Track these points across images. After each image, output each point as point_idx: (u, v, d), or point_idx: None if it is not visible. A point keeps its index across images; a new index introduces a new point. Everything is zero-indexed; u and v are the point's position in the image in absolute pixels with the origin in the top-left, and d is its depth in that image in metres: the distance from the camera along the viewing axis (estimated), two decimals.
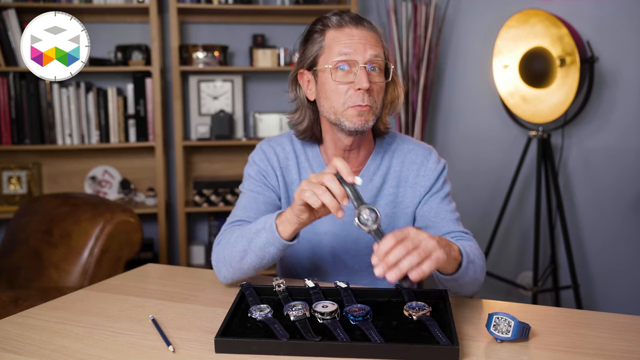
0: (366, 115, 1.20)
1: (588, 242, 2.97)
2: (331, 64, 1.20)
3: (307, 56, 1.25)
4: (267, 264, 1.17)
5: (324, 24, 1.24)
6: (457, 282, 1.13)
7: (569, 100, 2.55)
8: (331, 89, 1.21)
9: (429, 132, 3.10)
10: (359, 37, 1.20)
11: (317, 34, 1.24)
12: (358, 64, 1.18)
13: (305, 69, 1.27)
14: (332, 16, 1.24)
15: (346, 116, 1.20)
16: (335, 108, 1.21)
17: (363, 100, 1.18)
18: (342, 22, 1.22)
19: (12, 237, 2.26)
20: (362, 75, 1.17)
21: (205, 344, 0.96)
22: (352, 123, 1.20)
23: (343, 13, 1.24)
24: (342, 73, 1.20)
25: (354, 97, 1.19)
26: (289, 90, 1.33)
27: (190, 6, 2.80)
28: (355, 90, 1.18)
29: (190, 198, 3.02)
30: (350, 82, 1.19)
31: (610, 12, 2.78)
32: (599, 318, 1.08)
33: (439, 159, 1.35)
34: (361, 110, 1.19)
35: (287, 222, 1.10)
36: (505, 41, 2.71)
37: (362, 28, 1.21)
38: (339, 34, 1.21)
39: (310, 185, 1.02)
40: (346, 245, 1.34)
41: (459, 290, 1.17)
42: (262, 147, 1.38)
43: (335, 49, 1.20)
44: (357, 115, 1.20)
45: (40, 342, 0.98)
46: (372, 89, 1.20)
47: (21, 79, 2.73)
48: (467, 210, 3.09)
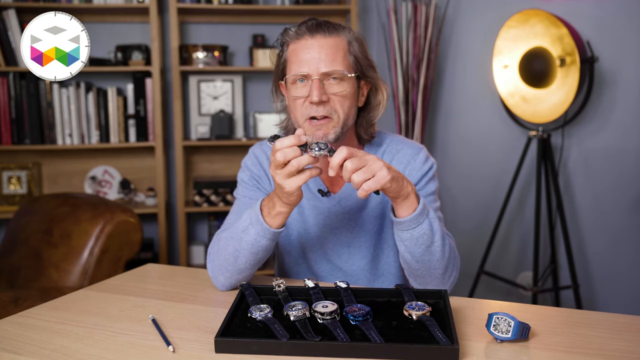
0: (325, 128, 1.20)
1: (588, 242, 2.97)
2: (288, 79, 1.22)
3: (278, 68, 1.27)
4: (262, 259, 1.18)
5: (285, 38, 1.24)
6: (417, 242, 1.12)
7: (569, 100, 2.55)
8: (292, 102, 1.23)
9: (429, 132, 3.10)
10: (313, 49, 1.19)
11: (283, 46, 1.26)
12: (311, 76, 1.18)
13: (280, 80, 1.28)
14: (292, 28, 1.24)
15: (306, 129, 1.21)
16: (298, 121, 1.23)
17: (317, 111, 1.19)
18: (298, 33, 1.21)
19: (12, 237, 2.26)
20: (314, 88, 1.17)
21: (205, 344, 0.96)
22: (312, 136, 1.20)
23: (303, 23, 1.23)
24: (300, 86, 1.21)
25: (309, 109, 1.20)
26: (273, 100, 1.34)
27: (190, 6, 2.80)
28: (310, 103, 1.19)
29: (190, 198, 3.02)
30: (306, 96, 1.19)
31: (610, 12, 2.78)
32: (599, 318, 1.08)
33: (427, 158, 1.34)
34: (318, 124, 1.20)
35: (280, 214, 1.13)
36: (505, 41, 2.71)
37: (319, 36, 1.20)
38: (296, 47, 1.21)
39: (282, 173, 1.04)
40: (339, 249, 1.34)
41: (423, 261, 1.15)
42: (254, 152, 1.39)
43: (293, 63, 1.21)
44: (314, 129, 1.20)
45: (40, 342, 0.98)
46: (328, 99, 1.19)
47: (21, 79, 2.73)
48: (467, 210, 3.09)
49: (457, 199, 3.08)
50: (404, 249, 1.15)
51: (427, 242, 1.13)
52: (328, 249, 1.35)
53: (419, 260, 1.15)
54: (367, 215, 1.33)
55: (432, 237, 1.13)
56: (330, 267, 1.36)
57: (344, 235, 1.34)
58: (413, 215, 1.10)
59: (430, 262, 1.15)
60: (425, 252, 1.14)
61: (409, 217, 1.11)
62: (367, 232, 1.34)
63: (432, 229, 1.13)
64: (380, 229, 1.34)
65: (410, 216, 1.11)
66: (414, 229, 1.12)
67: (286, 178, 1.04)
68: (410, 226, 1.12)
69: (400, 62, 2.88)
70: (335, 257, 1.35)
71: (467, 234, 3.02)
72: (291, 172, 1.03)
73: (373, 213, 1.33)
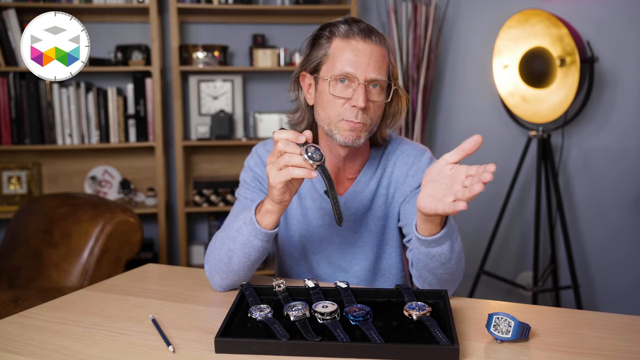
0: (358, 132, 1.20)
1: (588, 242, 2.97)
2: (331, 76, 1.19)
3: (311, 60, 1.24)
4: (256, 260, 1.17)
5: (331, 31, 1.21)
6: (432, 259, 1.10)
7: (569, 100, 2.55)
8: (328, 99, 1.20)
9: (429, 132, 3.10)
10: (364, 53, 1.18)
11: (323, 39, 1.22)
12: (359, 80, 1.17)
13: (307, 72, 1.26)
14: (342, 25, 1.20)
15: (338, 128, 1.20)
16: (330, 118, 1.21)
17: (357, 117, 1.18)
18: (350, 33, 1.19)
19: (12, 237, 2.26)
20: (360, 93, 1.16)
21: (205, 344, 0.96)
22: (343, 137, 1.20)
23: (354, 23, 1.20)
24: (341, 86, 1.19)
25: (349, 112, 1.18)
26: (290, 89, 1.32)
27: (190, 6, 2.80)
28: (351, 106, 1.18)
29: (190, 198, 3.02)
30: (348, 98, 1.18)
31: (610, 12, 2.78)
32: (599, 318, 1.08)
33: (431, 159, 1.33)
34: (354, 127, 1.19)
35: (269, 213, 1.11)
36: (505, 41, 2.71)
37: (370, 42, 1.19)
38: (344, 46, 1.19)
39: (274, 164, 1.03)
40: (342, 250, 1.34)
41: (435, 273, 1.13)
42: (257, 151, 1.38)
43: (339, 61, 1.18)
44: (349, 130, 1.19)
45: (40, 342, 0.98)
46: (368, 107, 1.19)
47: (21, 79, 2.73)
48: (467, 210, 3.09)
49: None
50: (418, 260, 1.14)
51: (443, 260, 1.11)
52: (331, 249, 1.35)
53: (430, 270, 1.14)
54: (371, 216, 1.33)
55: (451, 257, 1.11)
56: (332, 268, 1.36)
57: (349, 236, 1.34)
58: (435, 237, 1.07)
59: (442, 274, 1.14)
60: (440, 267, 1.13)
61: (430, 238, 1.08)
62: (371, 233, 1.34)
63: (452, 249, 1.10)
64: (383, 229, 1.34)
65: (433, 237, 1.07)
66: (434, 248, 1.09)
67: (275, 169, 1.03)
68: (430, 245, 1.09)
69: (400, 62, 2.88)
70: (338, 257, 1.35)
71: (467, 234, 3.01)
72: (280, 165, 1.02)
73: (377, 213, 1.33)
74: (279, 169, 1.02)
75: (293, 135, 1.02)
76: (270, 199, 1.09)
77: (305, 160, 1.00)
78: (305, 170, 1.01)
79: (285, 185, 1.05)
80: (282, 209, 1.11)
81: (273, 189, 1.05)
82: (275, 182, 1.04)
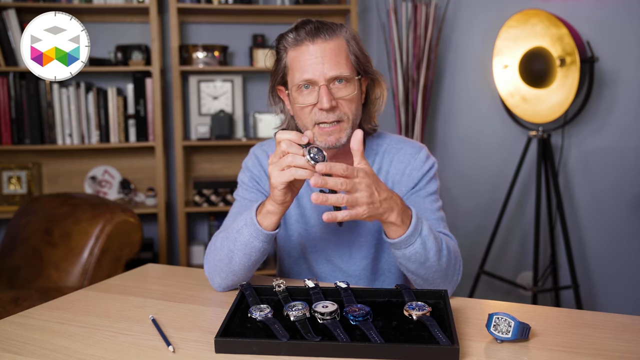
0: (337, 133, 1.20)
1: (588, 242, 2.96)
2: (293, 87, 1.20)
3: (277, 73, 1.25)
4: (256, 260, 1.17)
5: (283, 44, 1.22)
6: (409, 260, 1.10)
7: (569, 100, 2.55)
8: (298, 109, 1.22)
9: (429, 132, 3.10)
10: (316, 54, 1.17)
11: (281, 51, 1.23)
12: (318, 83, 1.17)
13: (279, 85, 1.27)
14: (290, 33, 1.21)
15: (316, 134, 1.21)
16: (306, 126, 1.22)
17: (327, 117, 1.18)
18: (297, 39, 1.19)
19: (12, 237, 2.26)
20: (323, 94, 1.16)
21: (205, 344, 0.96)
22: (323, 142, 1.21)
23: (301, 27, 1.20)
24: (306, 92, 1.19)
25: (319, 115, 1.19)
26: (270, 104, 1.33)
27: (190, 6, 2.80)
28: (320, 110, 1.18)
29: (190, 198, 3.02)
30: (314, 103, 1.18)
31: (610, 12, 2.78)
32: (599, 318, 1.08)
33: (427, 157, 1.33)
34: (329, 130, 1.19)
35: (270, 214, 1.11)
36: (505, 41, 2.71)
37: (320, 41, 1.18)
38: (297, 54, 1.19)
39: (276, 165, 1.03)
40: (340, 249, 1.34)
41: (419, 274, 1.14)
42: (254, 152, 1.38)
43: (296, 70, 1.19)
44: (326, 135, 1.20)
45: (40, 342, 0.98)
46: (337, 104, 1.19)
47: (21, 79, 2.73)
48: (467, 210, 3.09)
49: (457, 199, 3.08)
50: (399, 263, 1.15)
51: (420, 259, 1.11)
52: (330, 249, 1.35)
53: (415, 272, 1.15)
54: None
55: (426, 254, 1.11)
56: (331, 268, 1.36)
57: (346, 235, 1.34)
58: (401, 239, 1.08)
59: (426, 274, 1.15)
60: (420, 267, 1.13)
61: (397, 240, 1.09)
62: (369, 232, 1.34)
63: (425, 247, 1.10)
64: (381, 228, 1.34)
65: (399, 239, 1.08)
66: (405, 249, 1.10)
67: (277, 170, 1.03)
68: (400, 247, 1.10)
69: (400, 62, 2.88)
70: (336, 257, 1.35)
71: (467, 234, 3.02)
72: (282, 165, 1.02)
73: None
74: (282, 170, 1.02)
75: (296, 135, 1.02)
76: (271, 200, 1.09)
77: (308, 161, 1.00)
78: (307, 171, 1.01)
79: (287, 186, 1.05)
80: (284, 210, 1.11)
81: (275, 190, 1.05)
82: (277, 183, 1.04)
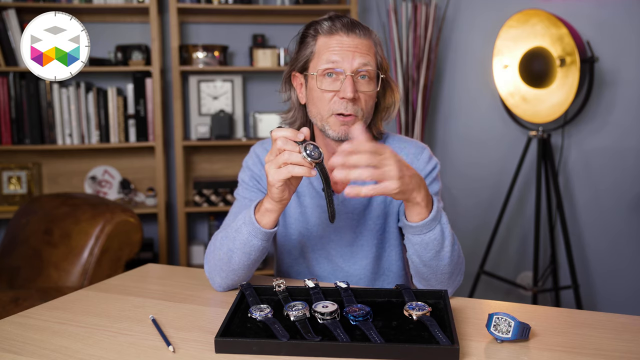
0: (350, 125, 1.20)
1: (588, 242, 2.97)
2: (318, 71, 1.20)
3: (299, 59, 1.26)
4: (256, 259, 1.17)
5: (315, 30, 1.23)
6: (426, 247, 1.10)
7: (569, 100, 2.55)
8: (317, 95, 1.22)
9: (429, 132, 3.10)
10: (349, 45, 1.19)
11: (309, 37, 1.24)
12: (345, 72, 1.18)
13: (297, 71, 1.27)
14: (325, 21, 1.23)
15: (330, 124, 1.21)
16: (321, 114, 1.22)
17: (347, 109, 1.19)
18: (333, 28, 1.21)
19: (12, 237, 2.26)
20: (348, 84, 1.17)
21: (205, 344, 0.96)
22: (335, 132, 1.21)
23: (336, 18, 1.22)
24: (329, 80, 1.20)
25: (338, 104, 1.19)
26: (281, 90, 1.34)
27: (190, 6, 2.80)
28: (340, 99, 1.19)
29: (190, 198, 3.02)
30: (336, 91, 1.19)
31: (610, 12, 2.78)
32: (599, 318, 1.08)
33: (430, 157, 1.33)
34: (345, 120, 1.20)
35: (268, 212, 1.11)
36: (505, 41, 2.71)
37: (354, 36, 1.20)
38: (329, 41, 1.21)
39: (273, 162, 1.03)
40: (341, 249, 1.34)
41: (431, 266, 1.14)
42: (255, 151, 1.39)
43: (324, 56, 1.20)
44: (340, 125, 1.20)
45: (40, 342, 0.98)
46: (358, 97, 1.20)
47: (21, 79, 2.73)
48: (467, 210, 3.09)
49: (457, 199, 3.08)
50: (413, 252, 1.14)
51: (437, 248, 1.11)
52: (330, 248, 1.35)
53: (427, 264, 1.14)
54: (370, 214, 1.33)
55: (443, 242, 1.11)
56: (332, 267, 1.35)
57: (347, 234, 1.34)
58: (425, 222, 1.09)
59: (437, 267, 1.14)
60: (434, 257, 1.13)
61: (420, 223, 1.09)
62: (370, 231, 1.33)
63: (443, 234, 1.11)
64: (382, 227, 1.34)
65: (422, 222, 1.09)
66: (425, 234, 1.10)
67: (274, 167, 1.03)
68: (421, 231, 1.10)
69: (400, 62, 2.88)
70: (337, 256, 1.35)
71: (467, 234, 3.02)
72: (279, 163, 1.02)
73: (376, 212, 1.33)
74: (278, 167, 1.02)
75: (291, 133, 1.02)
76: (269, 198, 1.09)
77: (304, 158, 1.00)
78: (304, 168, 1.01)
79: (285, 184, 1.05)
80: (282, 208, 1.11)
81: (272, 187, 1.06)
82: (274, 180, 1.04)
